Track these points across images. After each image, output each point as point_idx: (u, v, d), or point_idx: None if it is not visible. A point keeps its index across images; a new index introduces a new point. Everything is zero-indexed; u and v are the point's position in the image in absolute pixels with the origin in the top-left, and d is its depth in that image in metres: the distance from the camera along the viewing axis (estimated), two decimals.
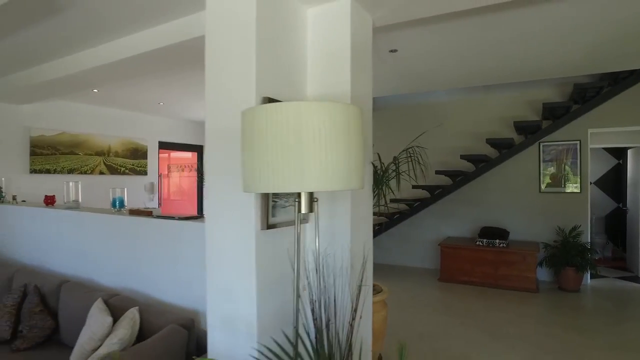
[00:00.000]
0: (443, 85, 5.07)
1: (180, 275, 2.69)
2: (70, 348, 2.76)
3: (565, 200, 5.66)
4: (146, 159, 6.79)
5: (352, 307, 1.72)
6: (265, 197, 1.86)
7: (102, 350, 2.16)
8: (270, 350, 1.67)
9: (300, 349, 1.69)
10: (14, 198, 4.72)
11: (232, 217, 1.88)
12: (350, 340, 1.62)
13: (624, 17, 2.98)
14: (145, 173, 6.77)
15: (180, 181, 7.95)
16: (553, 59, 3.94)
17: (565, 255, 5.14)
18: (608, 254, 7.14)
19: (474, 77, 4.63)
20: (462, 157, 5.81)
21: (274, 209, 1.93)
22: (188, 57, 3.12)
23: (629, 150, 6.63)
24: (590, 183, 7.46)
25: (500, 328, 3.94)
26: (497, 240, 5.45)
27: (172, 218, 2.89)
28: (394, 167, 3.10)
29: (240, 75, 1.85)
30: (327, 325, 1.60)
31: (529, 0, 2.70)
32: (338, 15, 2.15)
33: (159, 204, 6.96)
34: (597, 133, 5.90)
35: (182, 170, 8.24)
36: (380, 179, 3.02)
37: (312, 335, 1.61)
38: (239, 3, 1.86)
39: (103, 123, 6.18)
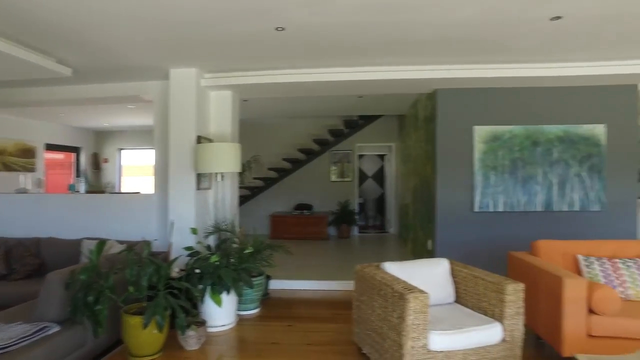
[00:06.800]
0: (274, 115, 8.18)
1: (129, 222, 5.04)
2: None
3: (345, 186, 9.41)
4: (35, 157, 8.18)
5: (231, 222, 4.56)
6: (198, 175, 4.55)
7: None
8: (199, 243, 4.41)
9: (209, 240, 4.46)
10: None
11: (183, 185, 4.52)
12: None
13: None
14: (34, 170, 8.16)
15: (57, 177, 9.33)
16: (338, 105, 7.38)
17: (341, 217, 8.83)
18: (377, 222, 11.36)
19: (291, 112, 7.85)
20: (284, 159, 9.11)
21: (199, 181, 4.63)
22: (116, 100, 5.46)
23: (384, 156, 10.90)
24: (369, 177, 11.65)
25: (301, 248, 7.24)
26: (305, 211, 8.86)
27: (121, 193, 5.23)
28: (247, 165, 6.01)
29: (187, 122, 4.51)
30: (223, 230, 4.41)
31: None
32: (222, 96, 4.96)
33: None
34: (364, 146, 9.83)
35: (55, 168, 9.57)
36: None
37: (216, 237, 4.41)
38: (188, 92, 4.51)
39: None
